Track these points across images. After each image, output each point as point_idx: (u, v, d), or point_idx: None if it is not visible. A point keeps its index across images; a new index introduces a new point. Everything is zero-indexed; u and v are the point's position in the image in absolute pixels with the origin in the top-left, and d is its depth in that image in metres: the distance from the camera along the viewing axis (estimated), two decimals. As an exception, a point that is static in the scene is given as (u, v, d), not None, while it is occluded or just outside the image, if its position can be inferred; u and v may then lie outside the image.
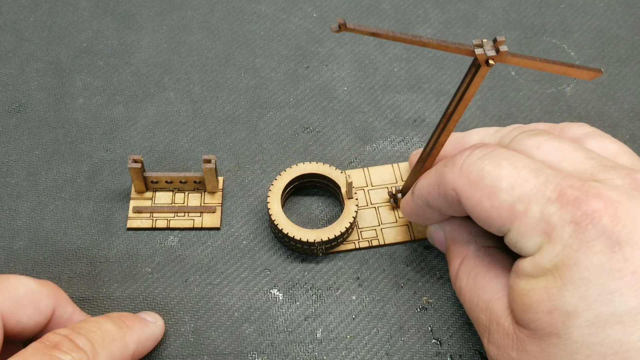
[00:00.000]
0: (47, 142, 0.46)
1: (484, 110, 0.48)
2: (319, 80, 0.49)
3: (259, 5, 0.53)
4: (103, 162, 0.45)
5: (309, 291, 0.41)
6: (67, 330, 0.33)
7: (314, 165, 0.43)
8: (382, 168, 0.45)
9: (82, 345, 0.32)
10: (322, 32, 0.52)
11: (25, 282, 0.35)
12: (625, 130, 0.47)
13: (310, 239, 0.40)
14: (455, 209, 0.35)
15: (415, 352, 0.39)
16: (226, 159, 0.46)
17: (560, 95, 0.49)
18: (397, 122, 0.47)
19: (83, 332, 0.33)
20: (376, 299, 0.41)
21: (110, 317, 0.35)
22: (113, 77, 0.49)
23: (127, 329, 0.35)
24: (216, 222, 0.43)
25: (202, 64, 0.50)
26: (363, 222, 0.43)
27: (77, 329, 0.33)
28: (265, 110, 0.48)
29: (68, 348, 0.32)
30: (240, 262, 0.42)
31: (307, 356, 0.39)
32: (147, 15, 0.52)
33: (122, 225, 0.43)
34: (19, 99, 0.48)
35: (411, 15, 0.53)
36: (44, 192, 0.44)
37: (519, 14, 0.53)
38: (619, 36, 0.52)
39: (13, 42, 0.51)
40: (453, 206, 0.35)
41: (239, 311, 0.40)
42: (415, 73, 0.50)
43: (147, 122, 0.47)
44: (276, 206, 0.41)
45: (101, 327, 0.34)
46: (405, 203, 0.39)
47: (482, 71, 0.32)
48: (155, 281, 0.41)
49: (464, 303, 0.36)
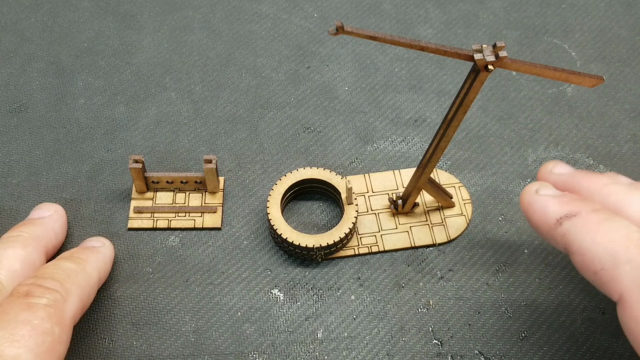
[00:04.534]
0: (48, 142, 0.46)
1: (484, 111, 0.48)
2: (319, 81, 0.49)
3: (260, 5, 0.53)
4: (104, 162, 0.45)
5: (310, 291, 0.41)
6: (31, 279, 0.34)
7: (314, 170, 0.43)
8: (383, 174, 0.45)
9: (52, 286, 0.34)
10: (323, 32, 0.52)
11: None
12: (626, 131, 0.47)
13: (309, 245, 0.40)
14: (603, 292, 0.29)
15: (416, 352, 0.39)
16: (227, 159, 0.46)
17: (561, 96, 0.49)
18: (398, 122, 0.47)
19: (47, 275, 0.34)
20: (377, 299, 0.41)
21: (64, 257, 0.37)
22: (114, 77, 0.49)
23: (83, 262, 0.37)
24: (217, 222, 0.43)
25: (203, 64, 0.50)
26: (363, 228, 0.43)
27: (40, 275, 0.34)
28: (266, 111, 0.48)
29: (40, 292, 0.33)
30: (241, 262, 0.42)
31: (308, 356, 0.39)
32: (148, 15, 0.52)
33: (123, 226, 0.43)
34: (20, 99, 0.48)
35: (412, 15, 0.53)
36: (45, 192, 0.44)
37: (520, 14, 0.53)
38: (620, 36, 0.52)
39: (14, 42, 0.51)
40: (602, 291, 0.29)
41: (240, 311, 0.40)
42: (416, 73, 0.50)
43: (148, 122, 0.47)
44: (276, 211, 0.41)
45: (61, 267, 0.36)
46: (538, 213, 0.32)
47: (481, 76, 0.32)
48: (156, 281, 0.41)
49: None
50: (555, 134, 0.47)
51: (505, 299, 0.40)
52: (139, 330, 0.39)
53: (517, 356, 0.39)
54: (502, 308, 0.40)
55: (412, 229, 0.43)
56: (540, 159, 0.46)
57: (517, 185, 0.45)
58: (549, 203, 0.32)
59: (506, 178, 0.45)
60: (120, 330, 0.39)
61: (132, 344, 0.39)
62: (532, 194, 0.33)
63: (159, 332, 0.39)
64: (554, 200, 0.32)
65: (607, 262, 0.28)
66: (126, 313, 0.40)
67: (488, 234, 0.43)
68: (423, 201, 0.44)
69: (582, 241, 0.29)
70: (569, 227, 0.30)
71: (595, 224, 0.30)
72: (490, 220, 0.43)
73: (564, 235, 0.30)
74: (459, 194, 0.44)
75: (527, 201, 0.33)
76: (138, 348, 0.39)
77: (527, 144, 0.46)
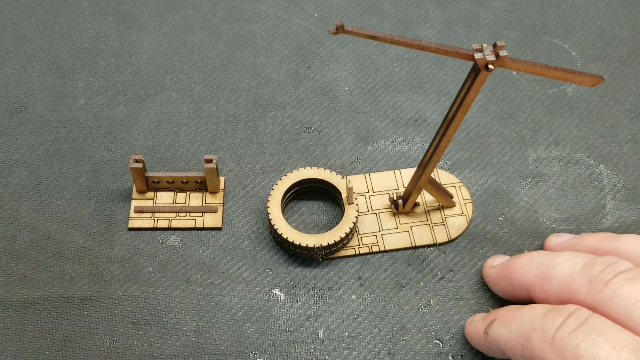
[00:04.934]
0: (49, 142, 0.46)
1: (485, 110, 0.48)
2: (320, 80, 0.49)
3: (260, 5, 0.53)
4: (104, 162, 0.45)
5: (311, 291, 0.41)
6: None
7: (314, 170, 0.43)
8: (384, 174, 0.45)
9: None
10: (323, 32, 0.52)
11: None
12: (626, 131, 0.47)
13: (310, 244, 0.40)
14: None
15: (417, 352, 0.39)
16: (227, 158, 0.46)
17: (562, 95, 0.49)
18: (399, 122, 0.47)
19: None
20: (378, 299, 0.41)
21: None
22: (114, 77, 0.49)
23: None
24: (217, 222, 0.43)
25: (204, 64, 0.50)
26: (363, 228, 0.43)
27: None
28: (267, 110, 0.48)
29: None
30: (241, 262, 0.42)
31: (308, 356, 0.39)
32: (148, 15, 0.52)
33: (124, 225, 0.43)
34: (21, 99, 0.48)
35: (412, 15, 0.53)
36: (45, 192, 0.44)
37: (520, 14, 0.53)
38: (621, 36, 0.52)
39: (14, 42, 0.51)
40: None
41: (240, 311, 0.40)
42: (417, 73, 0.50)
43: (149, 122, 0.47)
44: (276, 211, 0.41)
45: None
46: (474, 335, 0.38)
47: (481, 76, 0.32)
48: (156, 281, 0.41)
49: None
50: (555, 134, 0.47)
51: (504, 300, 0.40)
52: (139, 330, 0.39)
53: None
54: (502, 308, 0.40)
55: (412, 228, 0.43)
56: (541, 158, 0.46)
57: (518, 185, 0.45)
58: (477, 325, 0.37)
59: (507, 178, 0.45)
60: (121, 330, 0.39)
61: (133, 344, 0.39)
62: (468, 328, 0.39)
63: (160, 332, 0.39)
64: (479, 320, 0.38)
65: (523, 340, 0.33)
66: (127, 313, 0.40)
67: (488, 234, 0.43)
68: (423, 201, 0.44)
69: (502, 334, 0.34)
70: (493, 331, 0.35)
71: (508, 318, 0.35)
72: (490, 220, 0.43)
73: (492, 340, 0.35)
74: (459, 194, 0.44)
75: (468, 335, 0.39)
76: (139, 348, 0.39)
77: (528, 144, 0.46)
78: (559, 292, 0.34)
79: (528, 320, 0.33)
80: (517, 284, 0.37)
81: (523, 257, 0.38)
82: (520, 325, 0.33)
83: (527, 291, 0.36)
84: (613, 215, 0.44)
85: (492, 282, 0.40)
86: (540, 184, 0.45)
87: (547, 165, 0.46)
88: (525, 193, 0.44)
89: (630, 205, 0.44)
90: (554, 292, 0.35)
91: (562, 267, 0.35)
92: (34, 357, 0.39)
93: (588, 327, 0.31)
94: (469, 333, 0.38)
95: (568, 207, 0.44)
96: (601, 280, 0.33)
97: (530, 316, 0.33)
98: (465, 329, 0.39)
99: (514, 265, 0.38)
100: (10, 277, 0.41)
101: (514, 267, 0.38)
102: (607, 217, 0.44)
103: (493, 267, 0.40)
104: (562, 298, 0.34)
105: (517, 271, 0.37)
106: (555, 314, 0.32)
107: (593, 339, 0.30)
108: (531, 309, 0.34)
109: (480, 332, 0.37)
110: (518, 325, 0.33)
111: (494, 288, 0.40)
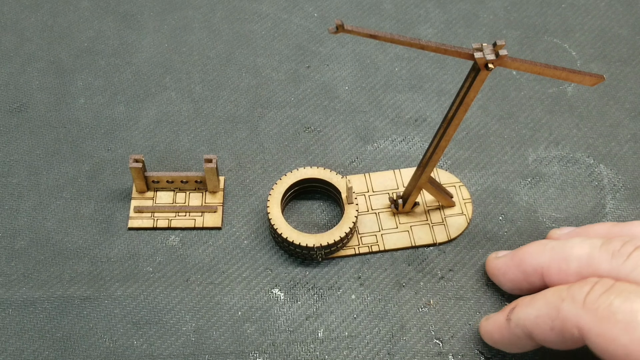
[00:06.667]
0: (48, 141, 0.46)
1: (485, 110, 0.48)
2: (320, 80, 0.49)
3: (260, 5, 0.53)
4: (104, 162, 0.45)
5: (310, 291, 0.41)
6: None
7: (314, 170, 0.43)
8: (384, 174, 0.45)
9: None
10: (323, 32, 0.52)
11: None
12: (626, 130, 0.47)
13: (309, 244, 0.40)
14: (569, 344, 0.33)
15: (417, 351, 0.39)
16: (227, 158, 0.46)
17: (562, 95, 0.49)
18: (399, 121, 0.47)
19: None
20: (377, 299, 0.41)
21: None
22: (114, 76, 0.49)
23: None
24: (217, 221, 0.43)
25: (203, 64, 0.50)
26: (363, 228, 0.43)
27: None
28: (267, 110, 0.48)
29: None
30: (241, 262, 0.42)
31: (308, 356, 0.39)
32: (148, 15, 0.52)
33: (124, 225, 0.43)
34: (20, 99, 0.48)
35: (412, 15, 0.53)
36: (45, 192, 0.44)
37: (520, 14, 0.53)
38: (621, 36, 0.52)
39: (14, 42, 0.51)
40: (568, 343, 0.33)
41: (240, 311, 0.40)
42: (417, 72, 0.50)
43: (148, 121, 0.47)
44: (276, 210, 0.41)
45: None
46: (495, 328, 0.37)
47: (481, 75, 0.32)
48: (156, 280, 0.41)
49: None
50: (555, 134, 0.47)
51: (506, 299, 0.40)
52: (139, 329, 0.39)
53: (516, 356, 0.39)
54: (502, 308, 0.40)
55: (412, 228, 0.43)
56: (541, 158, 0.46)
57: (518, 185, 0.45)
58: (495, 318, 0.37)
59: (507, 177, 0.45)
60: (121, 329, 0.39)
61: (133, 344, 0.39)
62: (484, 325, 0.38)
63: (160, 332, 0.39)
64: (496, 314, 0.37)
65: (552, 312, 0.33)
66: (127, 312, 0.40)
67: (488, 234, 0.43)
68: (423, 200, 0.44)
69: (528, 315, 0.34)
70: (516, 315, 0.35)
71: (530, 299, 0.35)
72: (490, 220, 0.43)
73: (517, 323, 0.35)
74: (459, 194, 0.44)
75: (485, 332, 0.38)
76: (139, 347, 0.39)
77: (528, 144, 0.46)
78: (580, 269, 0.34)
79: (554, 294, 0.33)
80: (529, 269, 0.37)
81: (533, 243, 0.38)
82: (546, 300, 0.33)
83: (540, 275, 0.36)
84: (613, 215, 0.44)
85: (499, 272, 0.39)
86: (540, 184, 0.45)
87: (547, 164, 0.46)
88: (525, 193, 0.44)
89: (630, 205, 0.44)
90: (574, 271, 0.35)
91: (579, 247, 0.35)
92: (34, 357, 0.39)
93: (617, 288, 0.31)
94: (486, 330, 0.38)
95: (568, 206, 0.44)
96: (623, 253, 0.33)
97: (554, 291, 0.33)
98: (481, 328, 0.38)
99: (526, 251, 0.38)
100: (10, 277, 0.41)
101: (525, 253, 0.38)
102: (607, 216, 0.44)
103: (500, 258, 0.40)
104: (583, 274, 0.34)
105: (530, 256, 0.37)
106: (582, 283, 0.32)
107: (625, 296, 0.31)
108: (553, 289, 0.34)
109: (501, 322, 0.36)
110: (544, 301, 0.34)
111: (501, 278, 0.39)
